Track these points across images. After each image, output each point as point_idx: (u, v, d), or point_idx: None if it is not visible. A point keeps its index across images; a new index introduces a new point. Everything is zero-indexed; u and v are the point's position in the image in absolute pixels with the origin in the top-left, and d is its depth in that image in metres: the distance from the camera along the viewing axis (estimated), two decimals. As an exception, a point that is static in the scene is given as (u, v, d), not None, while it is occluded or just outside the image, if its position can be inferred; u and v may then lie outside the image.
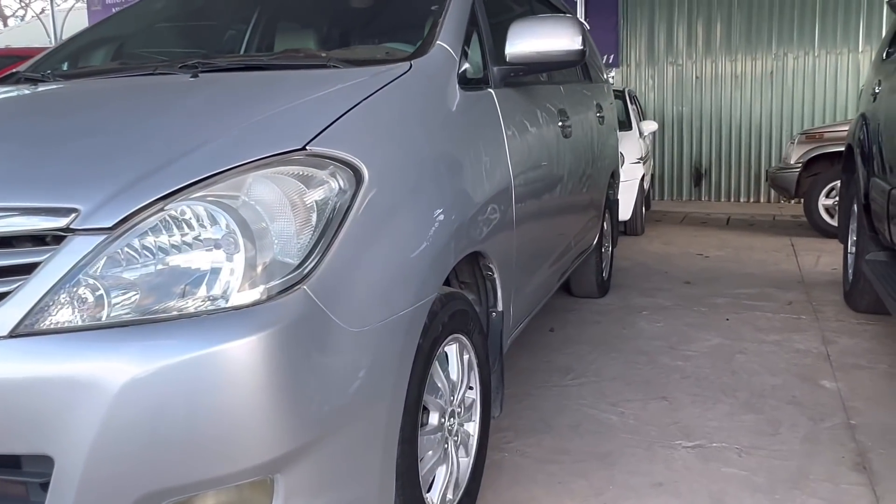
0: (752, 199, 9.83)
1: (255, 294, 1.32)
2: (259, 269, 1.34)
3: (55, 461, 1.25)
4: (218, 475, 1.29)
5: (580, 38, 2.41)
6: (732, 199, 9.89)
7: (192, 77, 2.00)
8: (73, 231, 1.33)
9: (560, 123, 3.14)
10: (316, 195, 1.44)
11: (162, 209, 1.35)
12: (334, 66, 2.04)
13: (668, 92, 10.04)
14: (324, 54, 2.21)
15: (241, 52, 3.00)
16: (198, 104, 1.77)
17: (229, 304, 1.31)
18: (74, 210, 1.34)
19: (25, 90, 2.13)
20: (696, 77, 9.90)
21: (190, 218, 1.35)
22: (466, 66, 2.25)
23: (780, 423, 2.76)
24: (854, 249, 4.21)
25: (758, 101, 9.67)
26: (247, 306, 1.31)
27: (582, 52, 2.44)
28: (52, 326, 1.29)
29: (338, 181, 1.49)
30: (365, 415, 1.49)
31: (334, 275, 1.42)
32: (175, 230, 1.34)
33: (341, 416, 1.42)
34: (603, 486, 2.32)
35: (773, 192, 9.32)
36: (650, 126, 7.46)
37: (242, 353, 1.28)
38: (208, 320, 1.29)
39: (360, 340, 1.46)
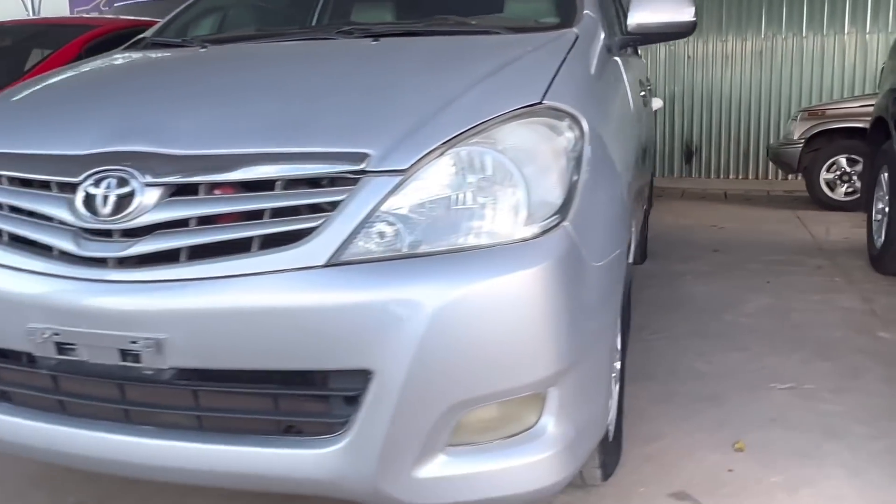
0: (741, 176, 10.19)
1: (531, 230, 1.49)
2: (532, 208, 1.50)
3: (375, 374, 1.41)
4: (509, 387, 1.46)
5: (693, 9, 2.60)
6: (722, 176, 10.24)
7: (374, 41, 2.13)
8: (367, 173, 1.48)
9: (642, 92, 3.34)
10: (563, 142, 1.61)
11: (443, 153, 1.50)
12: (497, 33, 2.19)
13: (661, 71, 10.32)
14: (473, 21, 2.36)
15: (314, 24, 3.13)
16: (415, 64, 1.91)
17: (511, 239, 1.47)
18: (365, 155, 1.49)
19: (212, 52, 2.24)
20: (689, 57, 10.19)
21: (472, 160, 1.51)
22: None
23: (857, 368, 3.02)
24: (886, 216, 4.49)
25: (747, 81, 10.00)
26: (525, 240, 1.48)
27: (694, 24, 2.63)
28: (360, 257, 1.44)
29: (573, 131, 1.66)
30: (601, 342, 1.67)
31: (580, 214, 1.59)
32: (460, 171, 1.50)
33: (591, 342, 1.60)
34: (722, 420, 2.54)
35: (761, 168, 9.69)
36: (657, 103, 7.70)
37: (530, 280, 1.44)
38: (498, 251, 1.45)
39: (598, 274, 1.63)
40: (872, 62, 9.30)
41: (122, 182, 1.53)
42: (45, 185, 1.64)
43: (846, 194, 7.09)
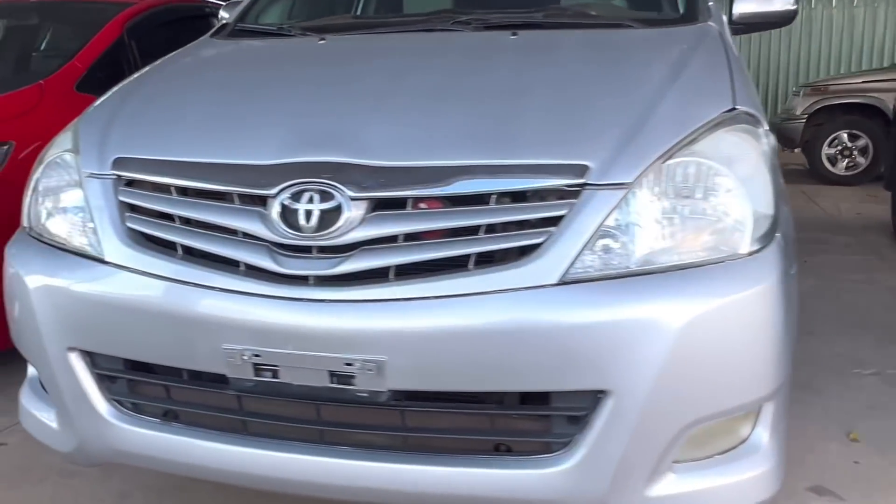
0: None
1: (755, 244, 1.46)
2: (754, 219, 1.47)
3: (611, 394, 1.38)
4: (738, 404, 1.45)
5: (795, -1, 2.58)
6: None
7: (512, 35, 2.06)
8: (588, 186, 1.43)
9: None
10: (765, 148, 1.58)
11: (662, 164, 1.46)
12: (630, 26, 2.14)
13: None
14: (593, 12, 2.30)
15: (358, 12, 3.03)
16: (582, 64, 1.85)
17: (737, 253, 1.44)
18: (585, 167, 1.44)
19: (338, 45, 2.14)
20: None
21: (692, 172, 1.47)
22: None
23: (929, 350, 3.10)
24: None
25: (745, 55, 10.09)
26: (751, 254, 1.45)
27: (795, 13, 2.61)
28: (588, 274, 1.40)
29: (768, 136, 1.63)
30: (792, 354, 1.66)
31: (783, 223, 1.57)
32: (681, 184, 1.46)
33: (792, 357, 1.59)
34: (825, 409, 2.58)
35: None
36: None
37: (762, 296, 1.42)
38: (728, 267, 1.42)
39: (794, 282, 1.62)
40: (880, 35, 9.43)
41: (326, 196, 1.45)
42: (215, 196, 1.55)
43: (847, 169, 7.24)
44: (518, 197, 1.45)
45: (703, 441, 1.48)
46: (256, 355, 1.46)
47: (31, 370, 1.91)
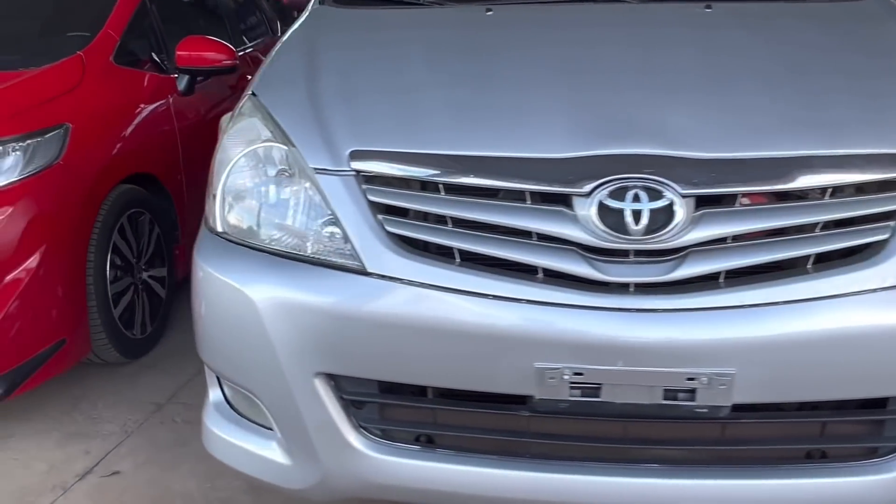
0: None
1: None
2: None
3: None
4: None
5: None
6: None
7: (706, 8, 1.92)
8: None
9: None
10: None
11: None
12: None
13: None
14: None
15: None
16: (819, 38, 1.74)
17: None
18: None
19: (512, 15, 1.94)
20: None
21: None
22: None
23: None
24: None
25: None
26: None
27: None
28: None
29: None
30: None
31: None
32: None
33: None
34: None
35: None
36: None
37: None
38: None
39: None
40: None
41: (653, 194, 1.30)
42: (487, 193, 1.38)
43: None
44: (855, 190, 1.35)
45: None
46: (578, 374, 1.31)
47: (215, 393, 1.67)
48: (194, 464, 2.11)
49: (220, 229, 1.56)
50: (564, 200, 1.34)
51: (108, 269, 2.55)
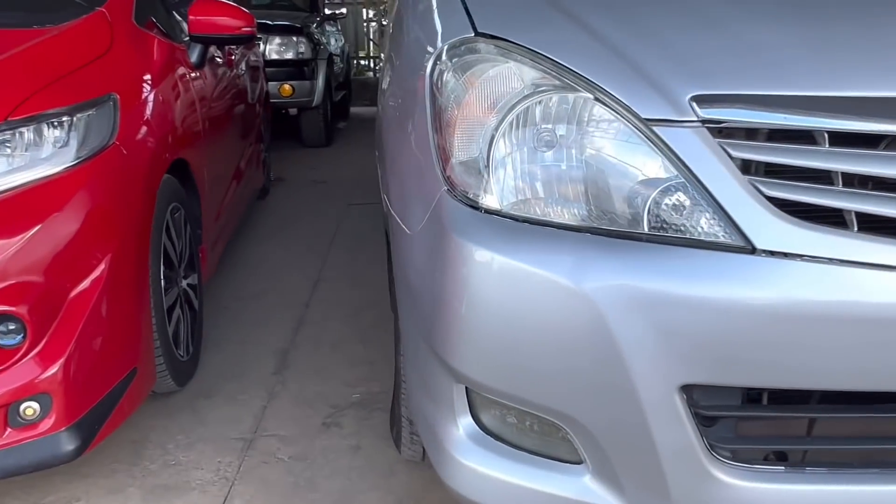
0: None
1: None
2: None
3: None
4: None
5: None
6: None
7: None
8: None
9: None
10: None
11: None
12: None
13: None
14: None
15: None
16: None
17: None
18: None
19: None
20: None
21: None
22: None
23: None
24: None
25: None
26: None
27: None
28: None
29: None
30: None
31: None
32: None
33: None
34: None
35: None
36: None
37: None
38: None
39: None
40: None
41: None
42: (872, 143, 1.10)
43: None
44: None
45: None
46: None
47: (466, 421, 1.29)
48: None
49: (497, 206, 1.18)
50: None
51: (161, 278, 2.05)
